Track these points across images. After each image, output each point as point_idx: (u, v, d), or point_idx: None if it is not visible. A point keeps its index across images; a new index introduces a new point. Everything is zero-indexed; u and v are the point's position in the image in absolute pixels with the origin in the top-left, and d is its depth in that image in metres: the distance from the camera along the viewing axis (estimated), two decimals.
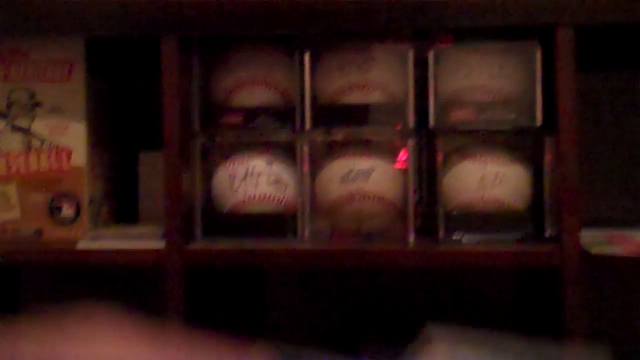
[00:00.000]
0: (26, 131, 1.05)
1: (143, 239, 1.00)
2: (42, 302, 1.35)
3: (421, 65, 1.00)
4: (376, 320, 1.28)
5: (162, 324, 0.95)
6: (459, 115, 0.99)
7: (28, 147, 1.05)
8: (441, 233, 0.99)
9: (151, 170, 1.13)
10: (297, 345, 1.18)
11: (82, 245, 1.00)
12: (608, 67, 1.25)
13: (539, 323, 1.08)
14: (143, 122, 1.15)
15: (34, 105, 1.05)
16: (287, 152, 1.03)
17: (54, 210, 1.05)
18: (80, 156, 1.05)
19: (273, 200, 1.00)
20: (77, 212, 1.05)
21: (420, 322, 1.26)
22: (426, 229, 1.03)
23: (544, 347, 0.75)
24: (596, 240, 0.93)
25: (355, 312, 1.29)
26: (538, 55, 0.97)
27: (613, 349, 0.72)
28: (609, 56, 1.18)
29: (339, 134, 1.01)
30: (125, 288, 1.31)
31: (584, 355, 0.84)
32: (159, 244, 0.97)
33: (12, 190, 1.05)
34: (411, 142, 1.00)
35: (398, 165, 1.00)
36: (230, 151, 1.04)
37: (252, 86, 1.02)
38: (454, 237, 0.99)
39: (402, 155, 1.00)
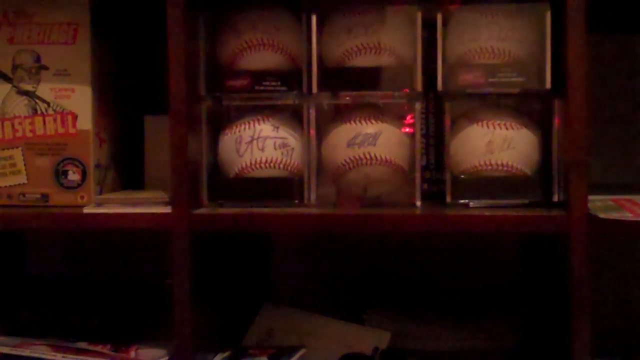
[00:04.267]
0: (32, 95, 1.04)
1: (149, 205, 0.99)
2: (48, 268, 1.35)
3: (429, 27, 0.98)
4: (382, 286, 1.28)
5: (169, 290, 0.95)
6: (467, 79, 0.97)
7: (34, 111, 1.04)
8: (448, 198, 0.99)
9: (157, 134, 1.13)
10: (301, 310, 1.19)
11: (89, 210, 1.00)
12: (617, 29, 1.24)
13: (545, 289, 1.08)
14: (149, 86, 1.15)
15: (39, 69, 1.04)
16: (294, 116, 1.02)
17: (60, 175, 1.05)
18: (85, 120, 1.04)
19: (279, 164, 1.00)
20: (83, 177, 1.05)
21: (426, 288, 1.27)
22: (433, 193, 1.03)
23: None
24: (604, 206, 0.92)
25: (362, 278, 1.29)
26: (548, 17, 0.96)
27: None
28: (618, 18, 1.17)
29: (345, 98, 1.00)
30: (130, 255, 1.32)
31: None
32: (165, 210, 0.96)
33: (18, 154, 1.05)
34: (418, 106, 0.99)
35: (405, 130, 1.00)
36: (236, 115, 1.03)
37: (258, 49, 1.01)
38: (461, 202, 0.98)
39: (410, 119, 1.00)
